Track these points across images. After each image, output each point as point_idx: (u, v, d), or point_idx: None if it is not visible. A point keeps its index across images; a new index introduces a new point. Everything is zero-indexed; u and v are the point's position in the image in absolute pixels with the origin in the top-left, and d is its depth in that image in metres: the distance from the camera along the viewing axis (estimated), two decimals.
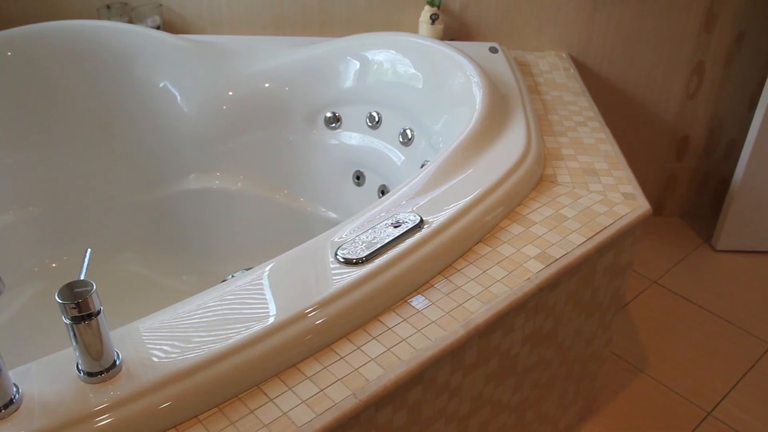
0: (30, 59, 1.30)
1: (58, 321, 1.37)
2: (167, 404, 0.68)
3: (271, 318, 0.75)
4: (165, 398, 0.68)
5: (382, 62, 1.25)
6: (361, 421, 0.73)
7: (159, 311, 0.78)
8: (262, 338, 0.73)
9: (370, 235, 0.86)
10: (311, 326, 0.75)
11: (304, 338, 0.75)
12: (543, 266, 0.89)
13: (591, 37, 1.50)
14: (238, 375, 0.71)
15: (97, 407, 0.66)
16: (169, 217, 1.42)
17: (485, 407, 0.92)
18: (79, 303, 0.64)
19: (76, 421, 0.65)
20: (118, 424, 0.66)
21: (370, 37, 1.29)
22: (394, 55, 1.25)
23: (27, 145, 1.34)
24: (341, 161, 1.35)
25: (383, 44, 1.26)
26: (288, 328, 0.74)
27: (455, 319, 0.80)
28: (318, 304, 0.76)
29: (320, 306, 0.76)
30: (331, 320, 0.77)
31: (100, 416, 0.66)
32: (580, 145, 1.16)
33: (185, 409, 0.69)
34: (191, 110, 1.37)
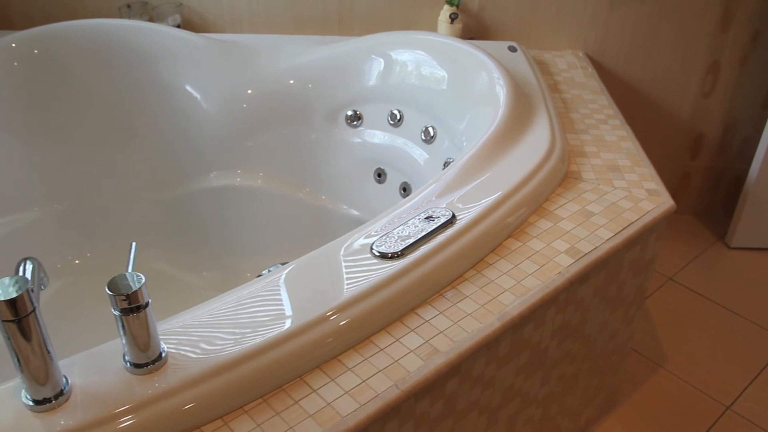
0: (56, 57, 1.31)
1: (82, 316, 1.38)
2: (212, 396, 0.69)
3: (312, 310, 0.76)
4: (210, 390, 0.69)
5: (407, 61, 1.27)
6: (402, 412, 0.74)
7: (198, 305, 0.80)
8: (304, 330, 0.74)
9: (404, 229, 0.88)
10: (350, 319, 0.76)
11: (343, 330, 0.76)
12: (573, 260, 0.90)
13: (607, 37, 1.52)
14: (281, 366, 0.72)
15: (144, 398, 0.67)
16: (191, 215, 1.43)
17: (515, 400, 0.94)
18: (129, 295, 0.66)
19: (125, 412, 0.66)
20: (165, 414, 0.67)
21: (395, 36, 1.30)
22: (419, 55, 1.26)
23: (52, 143, 1.35)
24: (362, 159, 1.37)
25: (408, 43, 1.27)
26: (328, 321, 0.75)
27: (490, 311, 0.82)
28: (356, 297, 0.78)
29: (358, 299, 0.78)
30: (369, 313, 0.78)
31: (147, 407, 0.67)
32: (603, 142, 1.18)
33: (230, 401, 0.70)
34: (213, 108, 1.39)
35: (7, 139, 1.31)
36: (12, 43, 1.27)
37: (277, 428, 0.67)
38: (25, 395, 0.67)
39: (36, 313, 0.63)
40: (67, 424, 0.64)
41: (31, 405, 0.66)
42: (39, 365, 0.64)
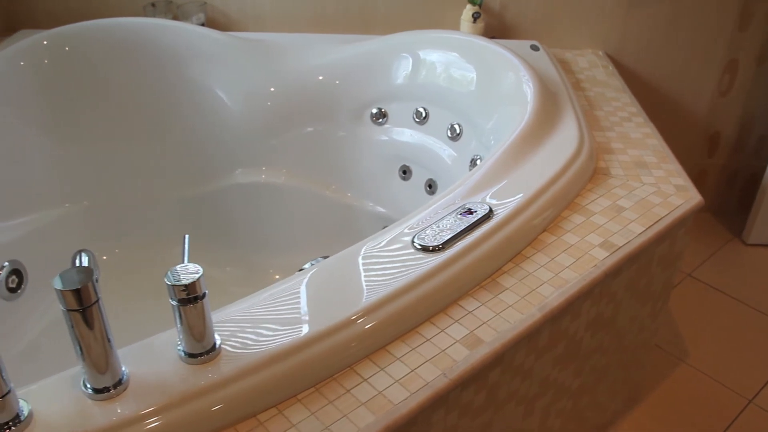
0: (85, 55, 1.33)
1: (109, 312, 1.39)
2: (265, 385, 0.70)
3: (358, 302, 0.77)
4: (264, 379, 0.71)
5: (435, 60, 1.28)
6: (449, 401, 0.76)
7: (244, 298, 0.81)
8: (352, 321, 0.75)
9: (443, 224, 0.89)
10: (396, 310, 0.78)
11: (390, 321, 0.77)
12: (608, 254, 0.92)
13: (626, 36, 1.53)
14: (331, 356, 0.73)
15: (200, 387, 0.68)
16: (216, 212, 1.44)
17: (550, 391, 0.95)
18: (187, 285, 0.67)
19: (182, 401, 0.67)
20: (220, 403, 0.68)
21: (422, 34, 1.32)
22: (447, 53, 1.28)
23: (80, 140, 1.36)
24: (388, 156, 1.38)
25: (435, 42, 1.29)
26: (375, 312, 0.77)
27: (530, 303, 0.83)
28: (401, 289, 0.79)
29: (404, 291, 0.79)
30: (414, 304, 0.79)
31: (203, 396, 0.68)
32: (628, 139, 1.19)
33: (283, 390, 0.71)
34: (238, 106, 1.40)
35: (36, 136, 1.32)
36: (44, 40, 1.29)
37: (330, 416, 0.69)
38: (85, 384, 0.68)
39: (99, 303, 0.64)
40: (124, 412, 0.66)
41: (91, 393, 0.68)
42: (100, 354, 0.66)
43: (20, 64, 1.28)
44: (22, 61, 1.28)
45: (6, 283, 1.33)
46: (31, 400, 0.67)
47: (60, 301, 0.63)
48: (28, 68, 1.29)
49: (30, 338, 1.31)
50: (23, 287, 1.35)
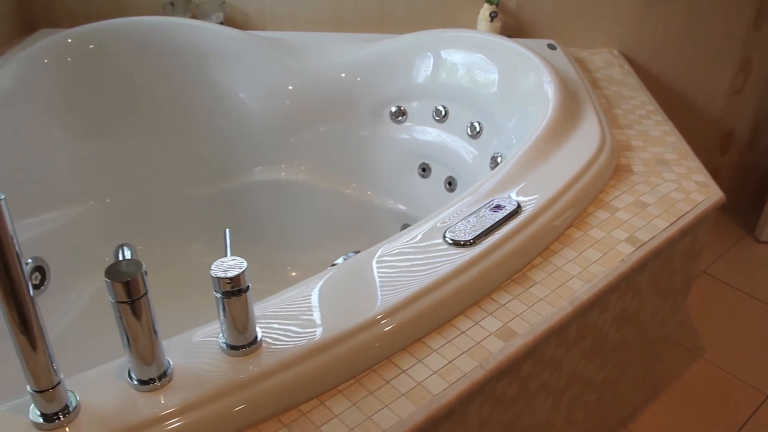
0: (107, 54, 1.34)
1: None
2: (307, 376, 0.72)
3: (395, 295, 0.79)
4: (305, 371, 0.72)
5: (456, 58, 1.30)
6: (485, 392, 0.77)
7: (280, 292, 0.82)
8: (390, 314, 0.77)
9: (473, 219, 0.91)
10: (432, 303, 0.79)
11: (426, 314, 0.79)
12: (634, 248, 0.93)
13: (642, 35, 1.55)
14: (370, 348, 0.75)
15: (243, 379, 0.69)
16: (236, 209, 1.45)
17: (576, 383, 0.97)
18: (232, 278, 0.68)
19: (225, 393, 0.68)
20: (263, 395, 0.69)
21: (444, 33, 1.33)
22: (469, 52, 1.29)
23: (102, 137, 1.37)
24: (407, 154, 1.39)
25: (457, 41, 1.30)
26: (411, 305, 0.78)
27: (561, 296, 0.85)
28: (436, 283, 0.80)
29: (438, 284, 0.80)
30: (449, 297, 0.81)
31: (246, 388, 0.69)
32: (648, 137, 1.21)
33: (324, 382, 0.73)
34: (258, 104, 1.41)
35: (60, 133, 1.33)
36: (68, 38, 1.30)
37: (372, 406, 0.70)
38: (130, 375, 0.69)
39: (148, 295, 0.65)
40: (168, 404, 0.67)
41: (136, 384, 0.69)
42: (146, 345, 0.67)
43: (44, 61, 1.29)
44: (46, 58, 1.29)
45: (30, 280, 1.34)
46: (78, 391, 0.68)
47: (109, 292, 0.64)
48: (52, 66, 1.30)
49: (53, 335, 1.32)
50: (46, 284, 1.36)
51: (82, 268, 1.37)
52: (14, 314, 0.60)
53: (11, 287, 0.59)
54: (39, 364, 0.63)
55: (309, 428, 0.68)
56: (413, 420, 0.69)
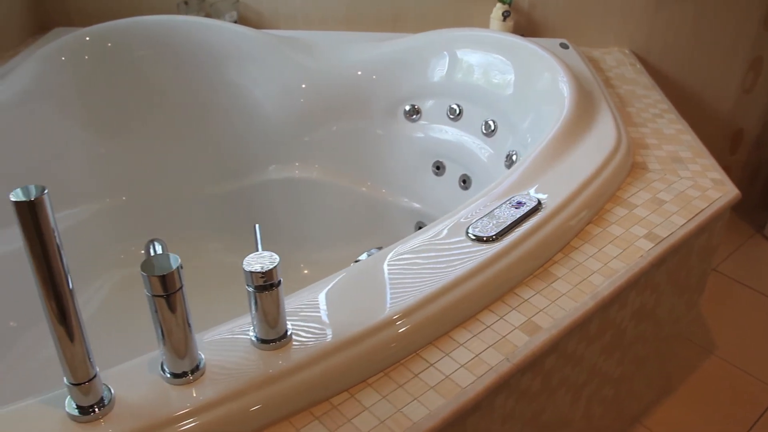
0: (123, 52, 1.35)
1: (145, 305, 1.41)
2: (337, 370, 0.73)
3: (421, 289, 0.80)
4: (335, 364, 0.73)
5: (472, 57, 1.31)
6: (510, 386, 0.78)
7: (305, 288, 0.83)
8: (417, 308, 0.78)
9: (494, 215, 0.92)
10: (458, 297, 0.80)
11: (452, 308, 0.80)
12: (653, 245, 0.94)
13: (653, 34, 1.56)
14: (398, 342, 0.76)
15: (275, 373, 0.70)
16: (251, 207, 1.46)
17: (595, 378, 0.98)
18: (265, 273, 0.69)
19: (257, 386, 0.69)
20: (294, 388, 0.70)
21: (459, 32, 1.34)
22: (485, 52, 1.30)
23: (118, 136, 1.38)
24: (421, 152, 1.40)
25: (473, 40, 1.31)
26: (438, 300, 0.79)
27: (583, 291, 0.86)
28: (461, 278, 0.81)
29: (464, 279, 0.81)
30: (474, 292, 0.82)
31: (276, 382, 0.70)
32: (662, 135, 1.22)
33: (353, 375, 0.74)
34: (273, 103, 1.42)
35: (76, 132, 1.34)
36: (86, 36, 1.30)
37: (401, 399, 0.71)
38: (163, 368, 0.70)
39: (183, 289, 0.66)
40: (200, 397, 0.67)
41: (169, 378, 0.70)
42: (180, 339, 0.68)
43: (61, 59, 1.30)
44: (63, 56, 1.30)
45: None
46: (111, 384, 0.69)
47: (146, 286, 0.65)
48: (69, 64, 1.31)
49: None
50: None
51: (99, 265, 1.38)
52: (53, 304, 0.61)
53: (51, 278, 0.59)
54: (76, 356, 0.64)
55: (341, 421, 0.69)
56: (443, 413, 0.70)
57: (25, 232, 0.57)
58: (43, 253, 0.58)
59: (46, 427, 0.65)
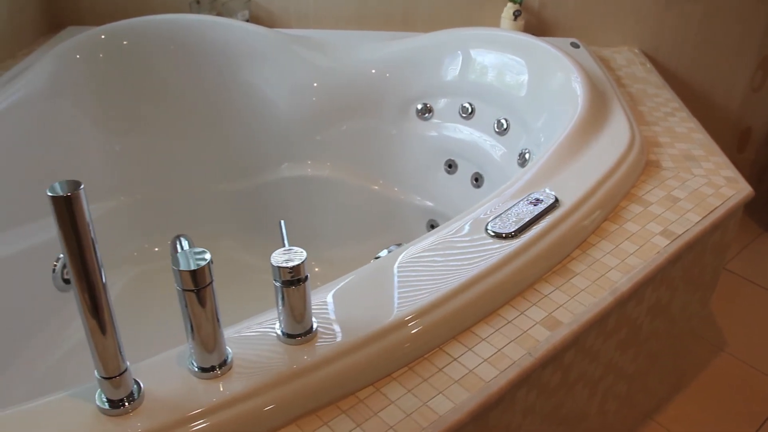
0: (140, 50, 1.36)
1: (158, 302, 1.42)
2: (362, 364, 0.73)
3: (445, 286, 0.80)
4: (360, 359, 0.73)
5: (485, 56, 1.31)
6: (531, 380, 0.79)
7: (330, 283, 0.83)
8: (440, 304, 0.79)
9: (512, 212, 0.92)
10: (480, 293, 0.81)
11: (474, 303, 0.80)
12: (668, 241, 0.95)
13: (662, 34, 1.57)
14: (422, 337, 0.76)
15: (301, 367, 0.71)
16: (264, 205, 1.47)
17: (611, 374, 0.99)
18: (293, 268, 0.70)
19: (284, 380, 0.70)
20: (321, 382, 0.71)
21: (472, 31, 1.35)
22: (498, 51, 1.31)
23: (132, 133, 1.39)
24: (433, 150, 1.41)
25: (486, 39, 1.32)
26: (461, 295, 0.80)
27: (601, 287, 0.87)
28: (483, 273, 0.82)
29: (485, 275, 0.82)
30: (495, 287, 0.82)
31: (305, 375, 0.71)
32: (674, 133, 1.23)
33: (379, 369, 0.74)
34: (286, 102, 1.43)
35: (91, 129, 1.35)
36: (101, 34, 1.31)
37: (427, 393, 0.72)
38: (191, 362, 0.71)
39: (213, 284, 0.67)
40: (229, 392, 0.68)
41: (197, 372, 0.70)
42: (209, 333, 0.68)
43: (76, 57, 1.31)
44: (78, 54, 1.31)
45: (61, 275, 1.36)
46: (139, 377, 0.69)
47: (176, 280, 0.66)
48: (84, 62, 1.32)
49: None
50: None
51: (112, 262, 1.38)
52: (86, 297, 0.62)
53: (85, 271, 0.60)
54: (108, 349, 0.64)
55: (367, 414, 0.70)
56: (468, 406, 0.71)
57: (61, 226, 0.58)
58: (78, 247, 0.59)
59: (77, 420, 0.66)
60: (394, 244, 1.26)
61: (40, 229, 1.29)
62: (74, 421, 0.66)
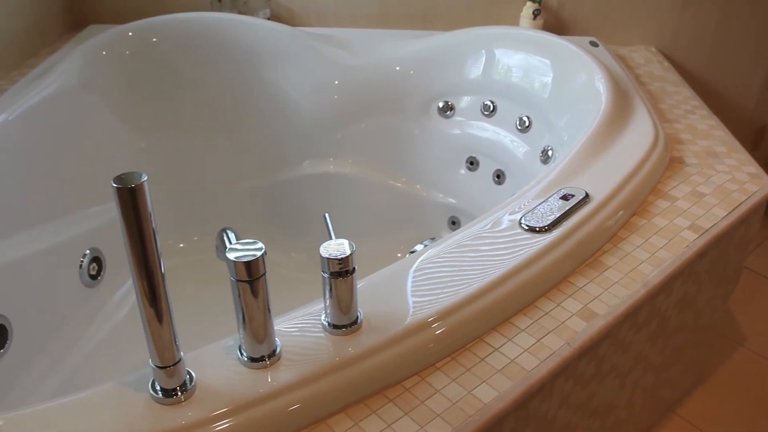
0: (166, 48, 1.37)
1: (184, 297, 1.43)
2: (407, 354, 0.75)
3: (484, 278, 0.82)
4: (405, 349, 0.75)
5: (509, 56, 1.33)
6: (568, 370, 0.80)
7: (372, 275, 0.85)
8: (481, 296, 0.80)
9: (544, 207, 0.94)
10: (517, 285, 0.83)
11: (512, 295, 0.82)
12: (697, 235, 0.97)
13: (679, 32, 1.59)
14: (464, 328, 0.78)
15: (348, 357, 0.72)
16: (286, 201, 1.48)
17: (639, 366, 1.00)
18: (342, 259, 0.71)
19: (331, 370, 0.71)
20: (367, 372, 0.73)
21: (495, 30, 1.37)
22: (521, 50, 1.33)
23: (158, 130, 1.40)
24: (455, 148, 1.43)
25: (509, 38, 1.34)
26: (500, 287, 0.82)
27: (634, 280, 0.88)
28: (520, 266, 0.84)
29: (522, 267, 0.84)
30: (531, 279, 0.84)
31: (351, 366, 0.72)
32: (695, 130, 1.25)
33: (423, 359, 0.76)
34: (308, 99, 1.44)
35: (117, 126, 1.36)
36: (129, 31, 1.33)
37: (470, 382, 0.73)
38: (241, 352, 0.72)
39: (265, 276, 0.68)
40: (276, 381, 0.69)
41: (246, 362, 0.72)
42: (261, 324, 0.70)
43: (102, 53, 1.32)
44: (104, 50, 1.32)
45: (87, 271, 1.37)
46: (190, 367, 0.71)
47: (230, 271, 0.67)
48: (110, 59, 1.33)
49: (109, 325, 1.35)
50: (102, 274, 1.39)
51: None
52: (145, 285, 0.63)
53: (145, 261, 0.61)
54: (164, 338, 0.66)
55: (414, 403, 0.71)
56: (511, 394, 0.72)
57: (124, 217, 0.60)
58: (139, 237, 0.60)
59: (131, 408, 0.67)
60: (429, 239, 1.28)
61: (67, 225, 1.30)
62: (128, 410, 0.67)
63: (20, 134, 1.21)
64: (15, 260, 1.18)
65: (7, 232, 1.18)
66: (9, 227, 1.18)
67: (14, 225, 1.19)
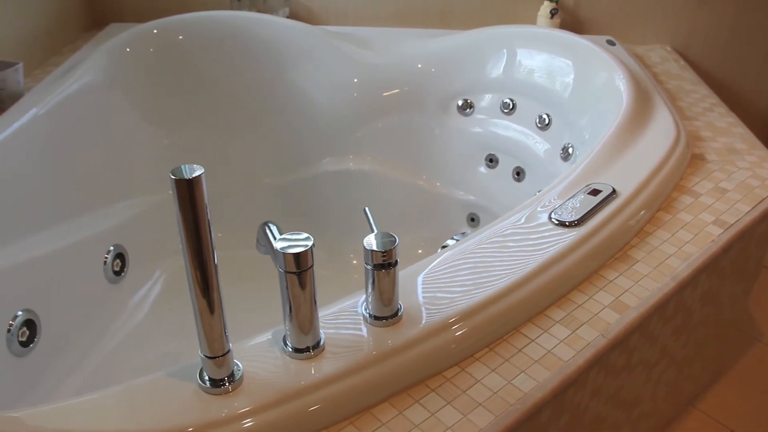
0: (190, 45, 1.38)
1: None
2: (447, 345, 0.76)
3: (519, 271, 0.84)
4: (445, 340, 0.77)
5: (529, 54, 1.35)
6: (601, 360, 0.82)
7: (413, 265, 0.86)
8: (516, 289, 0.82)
9: (573, 202, 0.96)
10: (552, 277, 0.84)
11: (547, 288, 0.84)
12: (722, 230, 0.99)
13: (694, 32, 1.61)
14: (501, 319, 0.80)
15: (390, 349, 0.74)
16: (306, 198, 1.50)
17: (665, 359, 1.02)
18: (386, 252, 0.73)
19: (374, 361, 0.73)
20: (409, 362, 0.74)
21: (516, 29, 1.38)
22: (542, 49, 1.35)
23: (180, 127, 1.42)
24: (474, 145, 1.44)
25: (530, 37, 1.36)
26: (534, 280, 0.83)
27: (663, 273, 0.90)
28: (553, 259, 0.86)
29: (556, 260, 0.86)
30: (564, 272, 0.86)
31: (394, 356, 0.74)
32: (715, 128, 1.27)
33: (462, 350, 0.78)
34: (328, 97, 1.46)
35: (140, 123, 1.38)
36: (154, 29, 1.34)
37: (510, 372, 0.75)
38: (286, 343, 0.74)
39: (313, 268, 0.70)
40: (321, 372, 0.71)
41: (291, 353, 0.73)
42: (307, 315, 0.71)
43: (126, 51, 1.34)
44: (128, 48, 1.33)
45: (111, 267, 1.38)
46: (237, 358, 0.72)
47: (279, 263, 0.68)
48: (134, 56, 1.34)
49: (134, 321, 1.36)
50: (126, 270, 1.40)
51: (160, 254, 1.41)
52: (198, 275, 0.64)
53: (200, 251, 0.63)
54: (215, 329, 0.67)
55: (456, 392, 0.73)
56: (550, 384, 0.74)
57: (181, 208, 0.61)
58: (195, 228, 0.62)
59: (180, 398, 0.69)
60: (460, 233, 1.30)
61: (91, 221, 1.31)
62: (177, 399, 0.69)
63: (47, 131, 1.22)
64: (42, 256, 1.19)
65: (35, 228, 1.19)
66: (37, 223, 1.19)
67: (42, 221, 1.20)
